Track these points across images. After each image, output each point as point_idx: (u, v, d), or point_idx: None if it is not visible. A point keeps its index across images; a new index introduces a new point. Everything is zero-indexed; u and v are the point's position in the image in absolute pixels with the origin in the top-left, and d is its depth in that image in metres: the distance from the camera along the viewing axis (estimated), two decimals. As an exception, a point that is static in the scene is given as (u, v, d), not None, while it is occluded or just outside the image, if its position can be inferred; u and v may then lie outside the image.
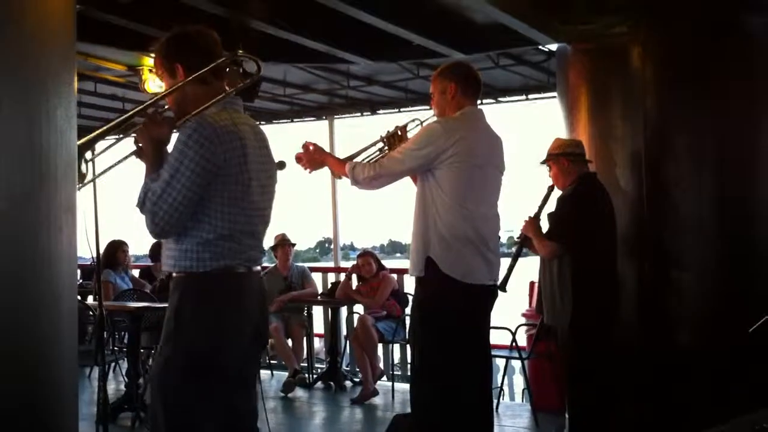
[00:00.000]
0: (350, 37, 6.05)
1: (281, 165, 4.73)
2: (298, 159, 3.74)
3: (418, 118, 3.90)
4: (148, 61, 6.89)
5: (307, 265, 8.20)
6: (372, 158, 3.86)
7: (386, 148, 3.85)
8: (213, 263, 2.52)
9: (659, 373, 5.08)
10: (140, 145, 2.57)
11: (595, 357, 4.43)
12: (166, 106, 2.68)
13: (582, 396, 4.48)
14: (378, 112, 9.48)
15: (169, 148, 2.56)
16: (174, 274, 2.60)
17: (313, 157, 3.74)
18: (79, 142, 2.47)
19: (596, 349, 4.43)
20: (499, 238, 3.80)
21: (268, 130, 10.50)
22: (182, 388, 2.50)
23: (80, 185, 2.57)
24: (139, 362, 5.96)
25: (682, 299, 5.11)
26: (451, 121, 3.65)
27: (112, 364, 7.38)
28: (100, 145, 2.57)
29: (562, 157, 4.60)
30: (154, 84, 7.23)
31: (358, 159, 3.82)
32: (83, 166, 2.47)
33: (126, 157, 2.60)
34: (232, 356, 2.56)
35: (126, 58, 6.95)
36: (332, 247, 10.95)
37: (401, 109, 9.15)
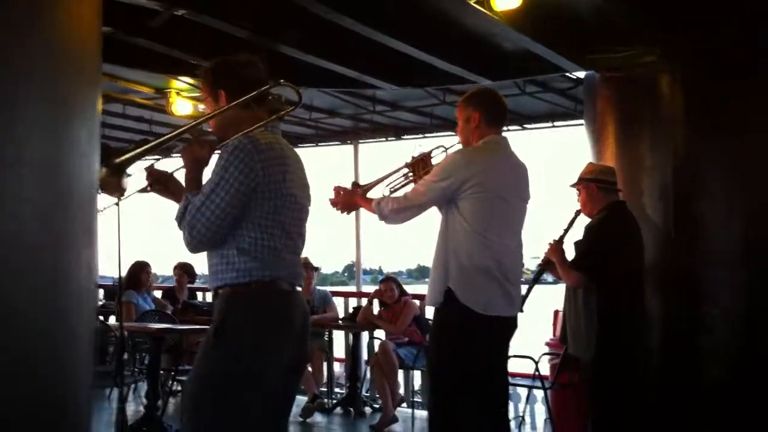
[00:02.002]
0: (377, 63, 6.04)
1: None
2: (333, 203, 3.78)
3: (443, 145, 3.88)
4: (176, 84, 6.97)
5: (332, 289, 8.17)
6: (396, 184, 3.86)
7: (411, 174, 3.85)
8: (258, 273, 2.53)
9: (686, 409, 4.97)
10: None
11: (618, 393, 4.33)
12: (208, 129, 2.77)
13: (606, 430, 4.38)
14: (403, 137, 9.46)
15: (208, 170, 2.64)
16: (219, 291, 2.61)
17: (345, 201, 3.77)
18: (118, 160, 2.51)
19: (620, 385, 4.33)
20: (522, 267, 3.75)
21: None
22: (218, 407, 2.48)
23: (120, 198, 2.69)
24: (158, 384, 5.95)
25: (711, 334, 5.00)
26: (473, 151, 3.63)
27: (132, 386, 7.37)
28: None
29: (593, 183, 4.54)
30: (181, 107, 7.31)
31: (383, 184, 3.84)
32: (124, 181, 2.53)
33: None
34: (272, 377, 2.55)
35: (154, 81, 7.01)
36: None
37: (426, 135, 9.11)
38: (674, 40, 5.15)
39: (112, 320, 8.70)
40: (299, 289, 2.71)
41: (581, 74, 6.16)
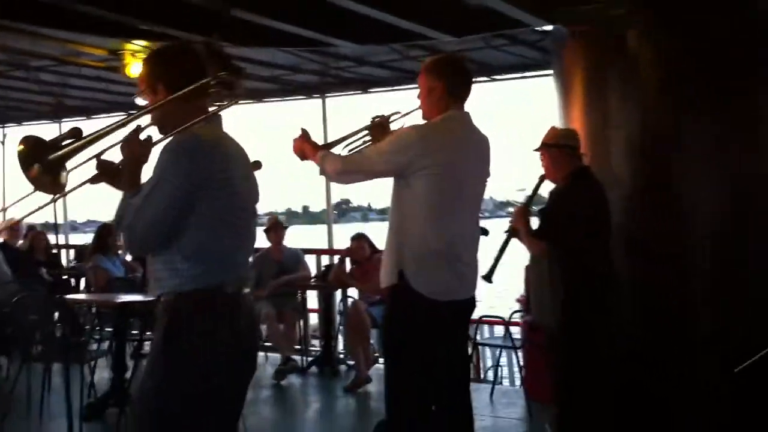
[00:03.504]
0: (336, 21, 5.84)
1: (257, 165, 4.60)
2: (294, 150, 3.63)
3: (399, 111, 3.72)
4: (130, 45, 6.72)
5: (304, 246, 8.09)
6: (355, 147, 3.72)
7: (369, 137, 3.70)
8: (203, 279, 2.43)
9: (656, 371, 4.95)
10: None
11: (583, 361, 4.29)
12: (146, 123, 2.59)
13: (570, 398, 4.36)
14: (370, 90, 9.26)
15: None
16: (162, 298, 2.49)
17: (298, 147, 3.60)
18: (51, 157, 2.35)
19: (584, 354, 4.29)
20: (478, 246, 3.62)
21: (257, 109, 10.45)
22: (176, 416, 2.41)
23: (57, 197, 2.52)
24: (125, 356, 5.85)
25: (680, 296, 4.95)
26: (431, 129, 3.47)
27: (106, 356, 7.29)
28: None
29: (555, 149, 4.43)
30: (136, 68, 7.06)
31: (340, 146, 3.69)
32: (62, 176, 2.37)
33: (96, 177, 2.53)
34: (222, 385, 2.47)
35: (108, 43, 6.75)
36: (348, 209, 10.84)
37: (394, 87, 8.94)
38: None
39: (81, 284, 8.62)
40: (247, 290, 2.60)
41: (550, 27, 5.97)
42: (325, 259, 8.41)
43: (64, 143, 2.38)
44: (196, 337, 2.41)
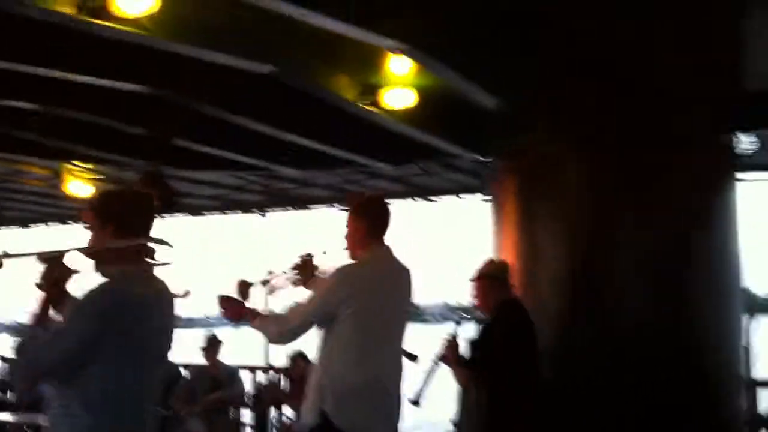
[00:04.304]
0: (278, 150, 5.99)
1: (186, 294, 4.61)
2: (223, 315, 3.74)
3: (324, 251, 3.87)
4: (68, 167, 6.78)
5: (240, 363, 7.98)
6: (282, 286, 3.86)
7: (297, 276, 3.84)
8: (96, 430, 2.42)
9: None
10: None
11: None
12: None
13: None
14: (310, 207, 9.40)
15: None
16: None
17: (235, 313, 3.71)
18: None
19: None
20: (401, 374, 3.71)
21: (196, 222, 10.47)
22: None
23: None
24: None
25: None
26: (354, 269, 3.65)
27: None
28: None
29: (486, 280, 4.58)
30: (75, 187, 7.09)
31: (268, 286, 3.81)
32: None
33: None
34: None
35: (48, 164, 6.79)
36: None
37: (334, 204, 9.09)
38: (575, 129, 5.20)
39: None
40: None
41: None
42: (260, 375, 8.31)
43: None
44: None
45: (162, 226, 2.72)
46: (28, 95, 4.64)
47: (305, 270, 3.85)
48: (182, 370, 7.80)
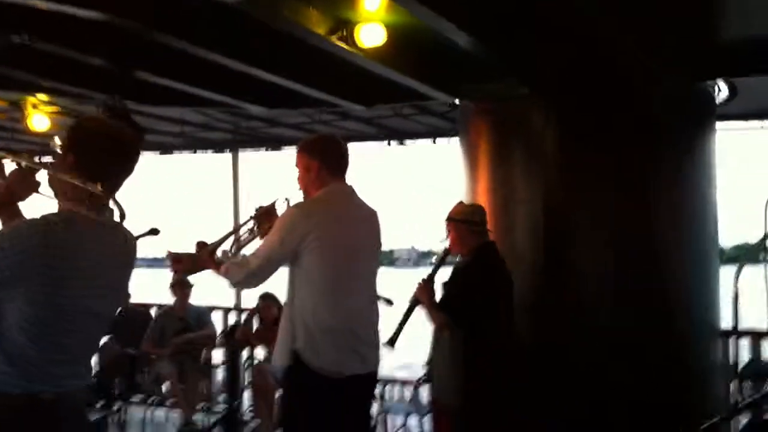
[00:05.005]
0: (245, 86, 5.80)
1: (154, 231, 4.47)
2: (174, 270, 3.72)
3: (287, 198, 3.70)
4: (31, 98, 6.53)
5: (210, 303, 7.91)
6: (244, 240, 3.75)
7: (256, 227, 3.72)
8: (17, 383, 2.20)
9: None
10: None
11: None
12: None
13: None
14: (282, 148, 9.22)
15: None
16: None
17: (190, 266, 3.66)
18: None
19: (486, 428, 4.28)
20: (377, 323, 3.63)
21: (166, 160, 10.27)
22: None
23: None
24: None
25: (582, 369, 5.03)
26: (311, 203, 3.50)
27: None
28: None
29: (461, 224, 4.48)
30: (38, 121, 6.86)
31: (229, 241, 3.71)
32: None
33: None
34: None
35: (7, 96, 6.54)
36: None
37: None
38: (544, 74, 5.10)
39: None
40: (73, 390, 2.34)
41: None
42: (232, 317, 8.21)
43: None
44: None
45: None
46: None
47: (264, 219, 3.70)
48: (151, 312, 7.72)
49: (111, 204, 2.35)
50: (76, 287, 2.25)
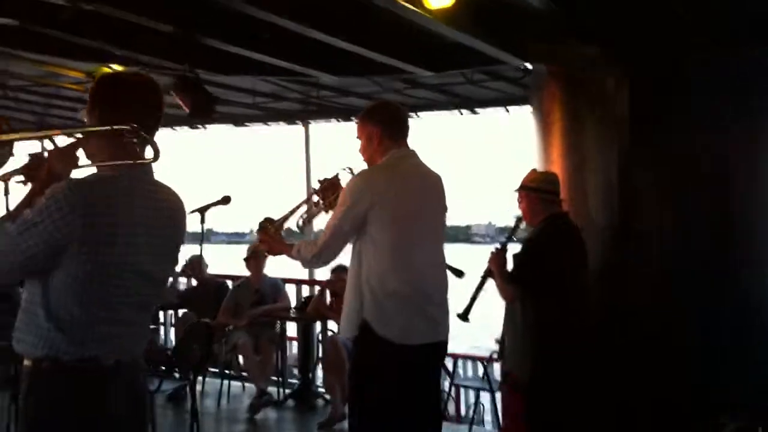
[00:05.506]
0: (314, 53, 5.77)
1: (225, 200, 4.49)
2: (261, 241, 3.73)
3: (349, 167, 3.68)
4: (106, 69, 6.64)
5: (284, 276, 7.97)
6: (310, 214, 3.76)
7: (321, 201, 3.72)
8: (69, 350, 2.16)
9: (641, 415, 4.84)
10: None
11: (556, 411, 4.18)
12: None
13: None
14: (352, 118, 9.18)
15: None
16: (24, 362, 2.22)
17: (272, 247, 3.68)
18: None
19: (557, 403, 4.18)
20: (446, 283, 3.56)
21: (239, 133, 10.35)
22: None
23: None
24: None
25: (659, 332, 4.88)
26: (374, 170, 3.46)
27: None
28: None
29: (534, 193, 4.36)
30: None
31: (297, 214, 3.72)
32: None
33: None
34: None
35: (84, 66, 6.68)
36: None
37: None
38: (620, 39, 4.90)
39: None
40: (130, 360, 2.30)
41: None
42: (305, 290, 8.26)
43: None
44: (61, 425, 2.16)
45: (203, 135, 2.43)
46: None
47: (329, 193, 3.70)
48: (228, 283, 7.83)
49: (145, 144, 2.26)
50: (118, 243, 2.20)
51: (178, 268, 7.98)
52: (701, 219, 4.90)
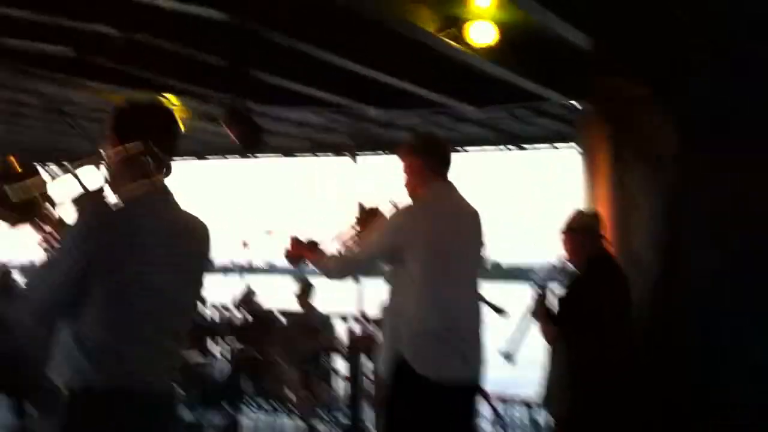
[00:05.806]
0: (361, 87, 5.86)
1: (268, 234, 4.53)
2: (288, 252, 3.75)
3: (395, 202, 3.66)
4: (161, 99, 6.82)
5: (336, 310, 7.97)
6: (348, 241, 3.76)
7: (359, 228, 3.74)
8: (98, 378, 2.18)
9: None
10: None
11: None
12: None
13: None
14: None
15: None
16: (62, 391, 2.24)
17: (293, 253, 3.72)
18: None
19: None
20: (481, 322, 3.54)
21: (287, 163, 10.39)
22: None
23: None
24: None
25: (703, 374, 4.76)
26: (416, 209, 3.49)
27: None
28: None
29: (576, 234, 4.37)
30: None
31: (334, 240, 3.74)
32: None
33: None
34: None
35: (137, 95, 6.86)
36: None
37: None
38: (664, 73, 4.87)
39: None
40: (160, 387, 2.31)
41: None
42: (353, 324, 8.24)
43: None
44: None
45: (252, 165, 2.45)
46: (108, 19, 4.63)
47: (370, 219, 3.71)
48: (278, 316, 7.86)
49: (159, 164, 2.32)
50: (138, 263, 2.22)
51: (230, 303, 8.10)
52: (748, 258, 4.78)
